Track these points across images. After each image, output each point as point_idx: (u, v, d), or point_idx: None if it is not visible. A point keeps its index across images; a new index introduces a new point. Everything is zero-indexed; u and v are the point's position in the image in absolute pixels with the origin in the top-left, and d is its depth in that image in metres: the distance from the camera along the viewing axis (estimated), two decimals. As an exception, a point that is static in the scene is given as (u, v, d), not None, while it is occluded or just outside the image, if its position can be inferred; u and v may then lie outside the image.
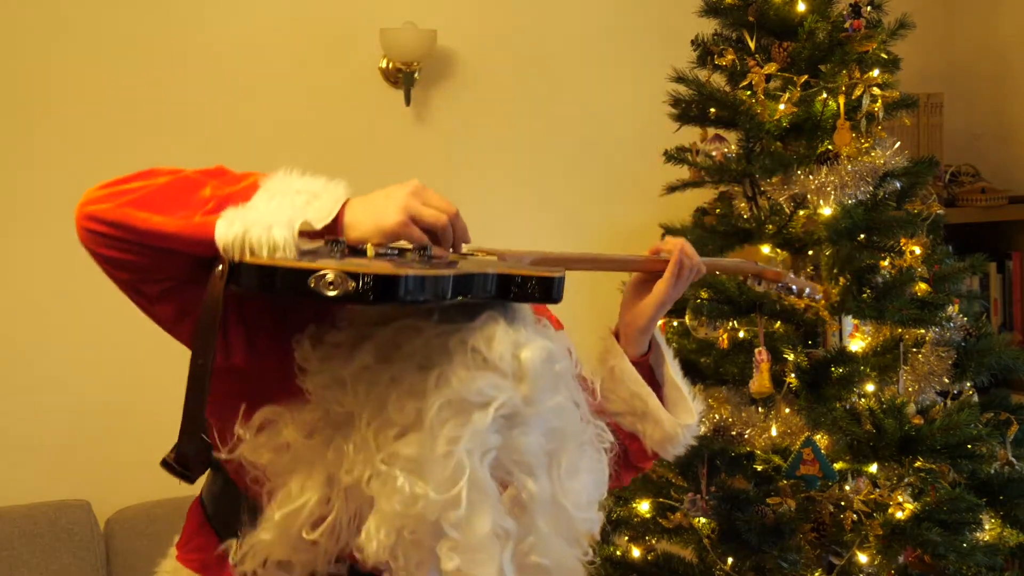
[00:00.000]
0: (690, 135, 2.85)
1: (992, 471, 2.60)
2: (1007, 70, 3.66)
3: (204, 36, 3.20)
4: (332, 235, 1.28)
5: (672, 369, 1.67)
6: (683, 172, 2.85)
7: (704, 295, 2.63)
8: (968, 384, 2.69)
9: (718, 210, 2.77)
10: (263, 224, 1.22)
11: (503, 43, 3.48)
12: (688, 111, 2.78)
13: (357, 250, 1.26)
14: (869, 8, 2.59)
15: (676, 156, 2.81)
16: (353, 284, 1.15)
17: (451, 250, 1.36)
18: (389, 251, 1.27)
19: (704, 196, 2.89)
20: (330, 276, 1.16)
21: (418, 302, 1.21)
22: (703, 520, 2.64)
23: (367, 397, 1.27)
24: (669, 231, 2.82)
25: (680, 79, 2.76)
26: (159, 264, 1.29)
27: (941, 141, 3.40)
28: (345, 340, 1.32)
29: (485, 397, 1.25)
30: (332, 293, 1.15)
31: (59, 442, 3.09)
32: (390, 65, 3.33)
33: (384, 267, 1.19)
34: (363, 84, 3.34)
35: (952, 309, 2.63)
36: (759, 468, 2.63)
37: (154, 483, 3.04)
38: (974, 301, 2.80)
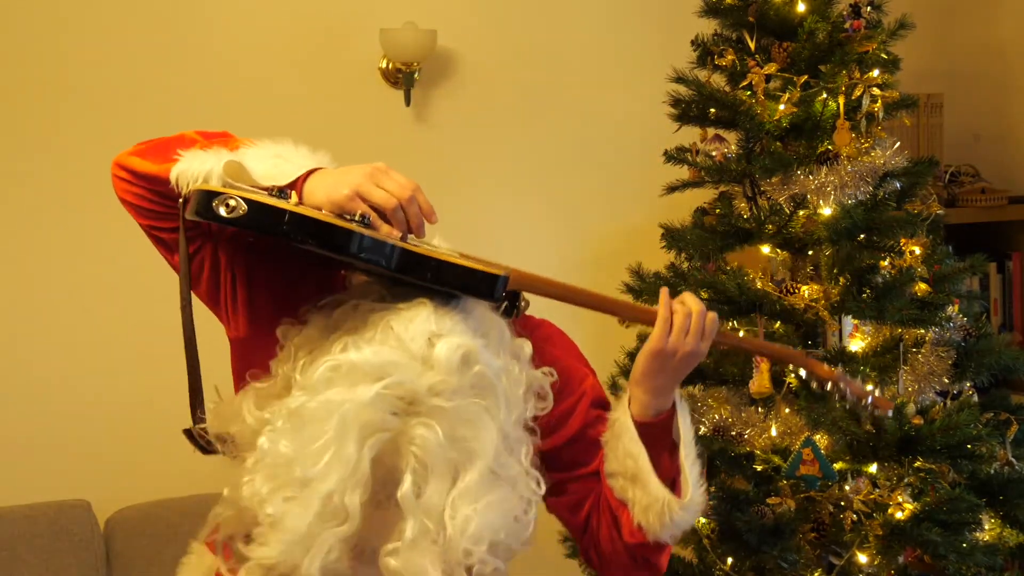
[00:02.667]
0: (690, 135, 2.85)
1: (992, 471, 2.60)
2: (1007, 70, 3.66)
3: (204, 36, 3.20)
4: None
5: (686, 449, 1.54)
6: (683, 172, 2.85)
7: (704, 295, 2.63)
8: (968, 384, 2.69)
9: (718, 210, 2.77)
10: (202, 161, 1.37)
11: (503, 43, 3.48)
12: (688, 111, 2.78)
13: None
14: (869, 8, 2.59)
15: (676, 156, 2.81)
16: (245, 209, 1.25)
17: (406, 234, 1.37)
18: (340, 218, 1.32)
19: (704, 196, 2.89)
20: (232, 202, 1.25)
21: (297, 240, 1.27)
22: (703, 520, 2.64)
23: (297, 366, 1.33)
24: (669, 231, 2.82)
25: (680, 79, 2.76)
26: (159, 205, 1.45)
27: (941, 141, 3.40)
28: (311, 318, 1.38)
29: (379, 371, 1.25)
30: (225, 215, 1.25)
31: (59, 442, 3.09)
32: (390, 65, 3.33)
33: (285, 204, 1.28)
34: (363, 84, 3.34)
35: (952, 309, 2.63)
36: (759, 468, 2.63)
37: (154, 483, 3.07)
38: (974, 301, 2.80)
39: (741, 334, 2.71)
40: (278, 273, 1.48)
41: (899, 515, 2.48)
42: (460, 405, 1.28)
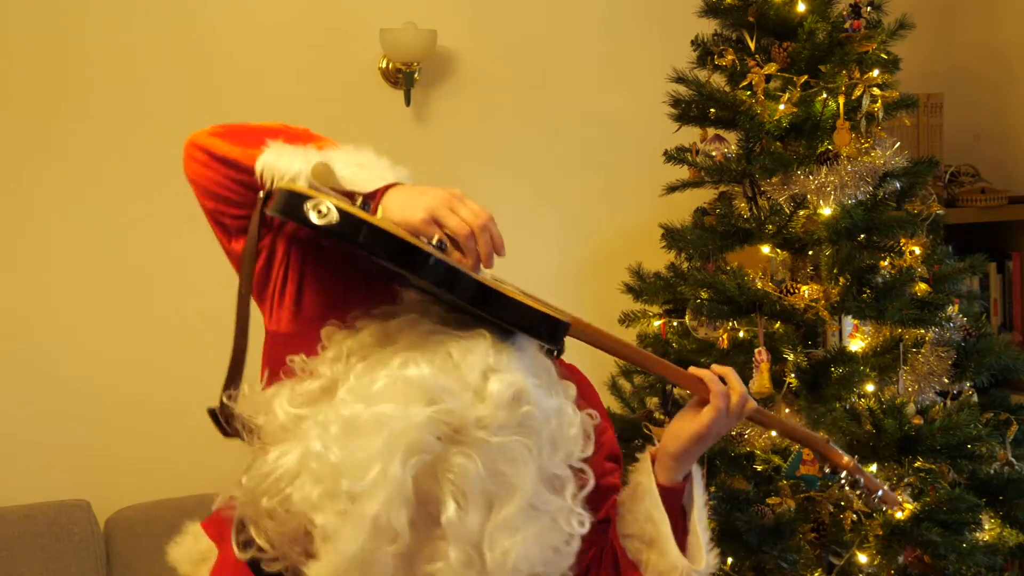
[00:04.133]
0: (690, 135, 2.85)
1: (992, 471, 2.60)
2: (1007, 70, 3.66)
3: (204, 36, 3.20)
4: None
5: (699, 514, 1.56)
6: (683, 172, 2.85)
7: (704, 295, 2.63)
8: (968, 384, 2.69)
9: (718, 210, 2.77)
10: (291, 159, 1.37)
11: (503, 43, 3.48)
12: (688, 111, 2.78)
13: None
14: (869, 8, 2.59)
15: (676, 156, 2.81)
16: (336, 218, 1.24)
17: (476, 264, 1.37)
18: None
19: (704, 196, 2.89)
20: (323, 207, 1.25)
21: (372, 253, 1.27)
22: (703, 520, 2.64)
23: (350, 371, 1.32)
24: (669, 231, 2.82)
25: (680, 79, 2.76)
26: (232, 191, 1.44)
27: (941, 141, 3.40)
28: (365, 325, 1.38)
29: (433, 394, 1.26)
30: (316, 221, 1.25)
31: (59, 442, 3.09)
32: (390, 65, 3.33)
33: (369, 216, 1.27)
34: (363, 84, 3.34)
35: (952, 309, 2.63)
36: (759, 468, 2.64)
37: (154, 483, 3.07)
38: (974, 301, 2.80)
39: (741, 334, 2.71)
40: (332, 274, 1.48)
41: (899, 515, 2.48)
42: (504, 442, 1.28)
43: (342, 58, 3.31)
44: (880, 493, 1.77)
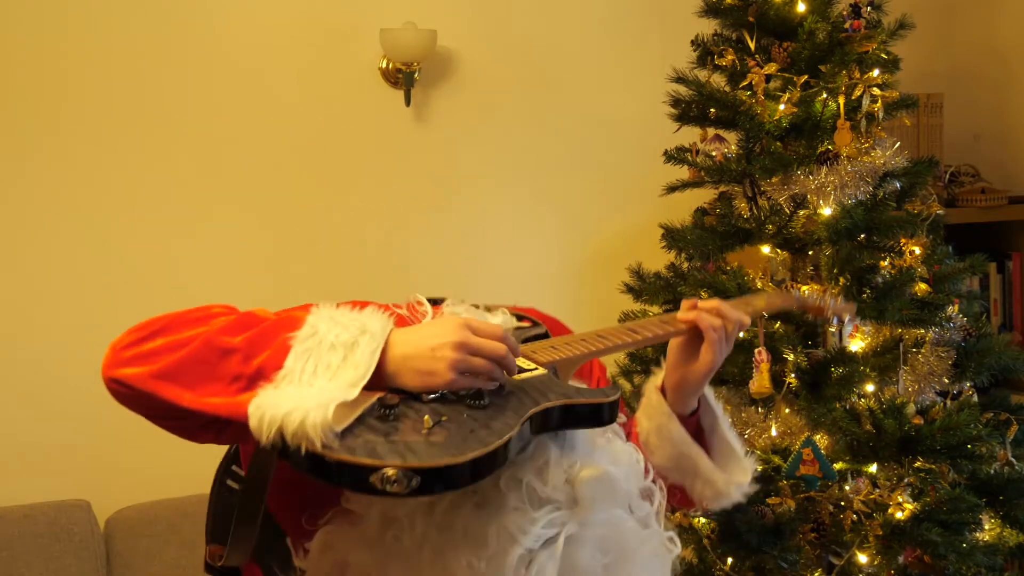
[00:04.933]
0: (690, 135, 2.85)
1: (992, 471, 2.60)
2: (1007, 70, 3.66)
3: (204, 36, 3.20)
4: (378, 383, 1.22)
5: (724, 427, 1.62)
6: (683, 172, 2.85)
7: (704, 295, 2.63)
8: (968, 384, 2.69)
9: (718, 210, 2.77)
10: (296, 416, 1.14)
11: (503, 43, 3.48)
12: (688, 111, 2.78)
13: (405, 396, 1.22)
14: (869, 8, 2.59)
15: (676, 156, 2.81)
16: (418, 480, 1.11)
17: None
18: (444, 397, 1.23)
19: (704, 196, 2.89)
20: (390, 472, 1.10)
21: (488, 477, 1.17)
22: (703, 520, 2.64)
23: (425, 532, 1.22)
24: (669, 231, 2.82)
25: (680, 79, 2.76)
26: (194, 418, 1.26)
27: (941, 141, 3.40)
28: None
29: (548, 537, 1.21)
30: (397, 490, 1.10)
31: (59, 442, 3.09)
32: (390, 65, 3.33)
33: (442, 447, 1.14)
34: (363, 84, 3.34)
35: (952, 309, 2.63)
36: (759, 468, 2.62)
37: (154, 483, 3.07)
38: (974, 301, 2.80)
39: (741, 334, 2.70)
40: None
41: (899, 515, 2.48)
42: (603, 517, 1.26)
43: (342, 58, 3.32)
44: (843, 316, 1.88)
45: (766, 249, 2.72)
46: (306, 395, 1.16)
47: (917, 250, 2.61)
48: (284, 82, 3.27)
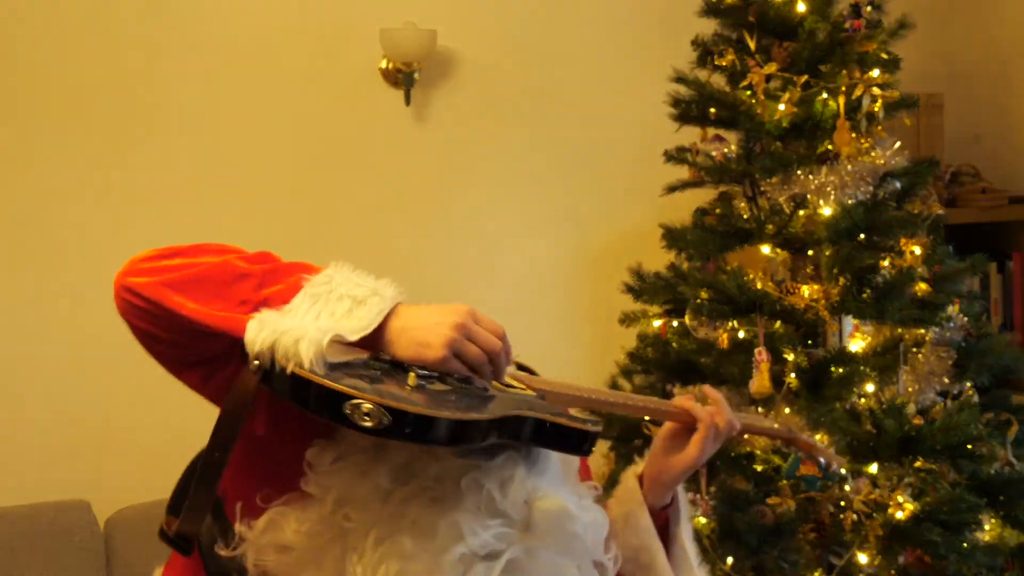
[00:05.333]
0: (690, 135, 2.85)
1: (992, 471, 2.60)
2: (1007, 70, 3.65)
3: (205, 36, 3.20)
4: (372, 347, 1.25)
5: (685, 532, 1.61)
6: (683, 172, 2.85)
7: (704, 295, 2.63)
8: (968, 384, 2.69)
9: (718, 210, 2.77)
10: (293, 334, 1.18)
11: (503, 43, 3.48)
12: (688, 111, 2.78)
13: (396, 364, 1.24)
14: (869, 8, 2.59)
15: (676, 156, 2.81)
16: (389, 419, 1.13)
17: (492, 381, 1.31)
18: (430, 376, 1.24)
19: (704, 196, 2.89)
20: (366, 406, 1.13)
21: (451, 444, 1.19)
22: (703, 520, 2.64)
23: (377, 517, 1.23)
24: (669, 231, 2.82)
25: (680, 79, 2.76)
26: (192, 343, 1.28)
27: (941, 141, 3.40)
28: (360, 450, 1.27)
29: (493, 549, 1.21)
30: (367, 424, 1.13)
31: (59, 442, 3.09)
32: (390, 65, 3.33)
33: (420, 404, 1.16)
34: (363, 84, 3.35)
35: (952, 309, 2.63)
36: (759, 468, 2.63)
37: (154, 483, 3.04)
38: (974, 301, 2.80)
39: (741, 334, 2.70)
40: None
41: (899, 515, 2.47)
42: (552, 562, 1.25)
43: (342, 58, 3.32)
44: (835, 467, 1.90)
45: (766, 249, 2.72)
46: (307, 324, 1.20)
47: (917, 250, 2.61)
48: (284, 82, 3.27)
